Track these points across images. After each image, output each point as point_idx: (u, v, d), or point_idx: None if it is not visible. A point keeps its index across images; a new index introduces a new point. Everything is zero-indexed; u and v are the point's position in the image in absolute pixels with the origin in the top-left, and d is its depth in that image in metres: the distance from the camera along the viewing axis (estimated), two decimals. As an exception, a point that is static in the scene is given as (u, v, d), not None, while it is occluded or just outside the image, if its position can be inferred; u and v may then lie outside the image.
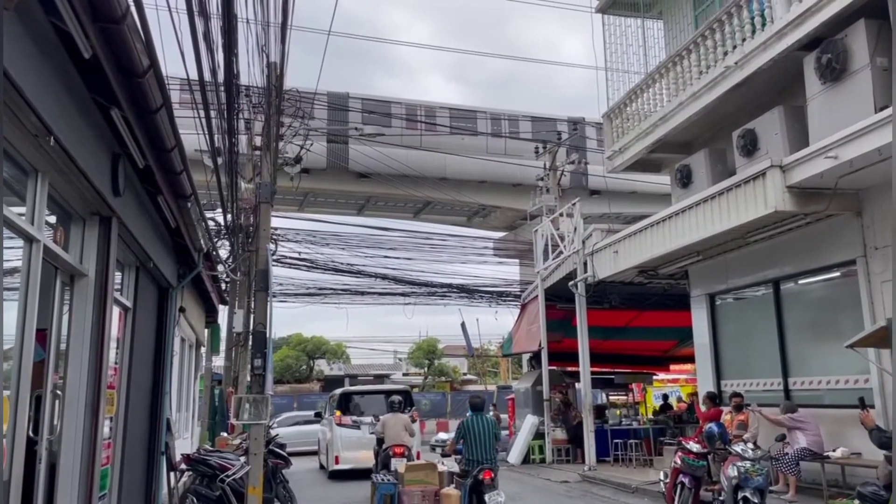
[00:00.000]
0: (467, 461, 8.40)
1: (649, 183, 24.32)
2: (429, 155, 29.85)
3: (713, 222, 10.33)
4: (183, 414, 12.90)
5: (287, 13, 6.29)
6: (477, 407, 8.79)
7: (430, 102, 32.94)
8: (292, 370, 47.98)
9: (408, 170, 27.44)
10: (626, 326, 19.01)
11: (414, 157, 29.25)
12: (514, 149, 30.97)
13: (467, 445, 8.43)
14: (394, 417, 12.29)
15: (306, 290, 24.18)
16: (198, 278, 10.54)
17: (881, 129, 7.59)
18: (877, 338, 8.07)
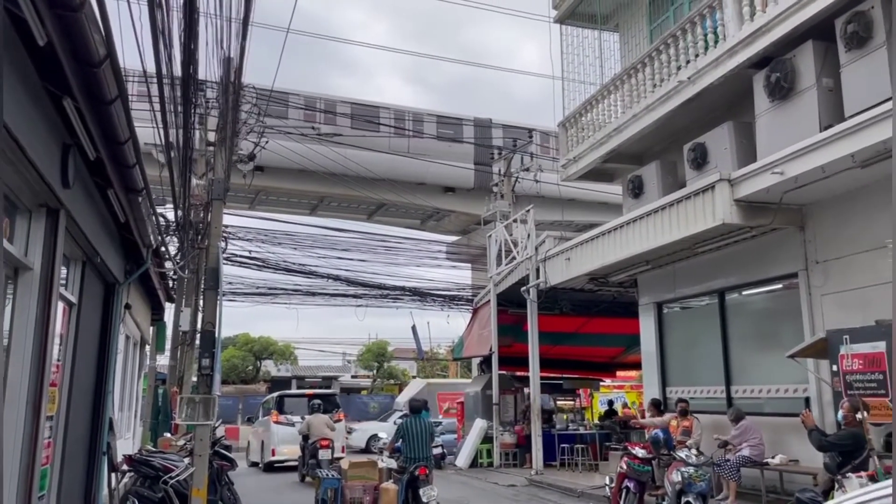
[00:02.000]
0: (405, 459, 9.20)
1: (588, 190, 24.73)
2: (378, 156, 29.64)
3: (663, 233, 10.56)
4: (125, 413, 12.58)
5: (249, 8, 6.20)
6: (415, 410, 9.72)
7: (329, 96, 32.05)
8: (238, 371, 47.20)
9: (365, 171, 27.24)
10: (576, 332, 19.28)
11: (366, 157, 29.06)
12: (419, 147, 30.79)
13: (405, 444, 9.23)
14: (316, 417, 15.10)
15: (256, 290, 23.83)
16: (145, 275, 10.28)
17: (825, 148, 7.88)
18: (816, 349, 8.37)
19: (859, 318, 8.05)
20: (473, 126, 33.46)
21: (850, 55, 8.22)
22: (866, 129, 7.37)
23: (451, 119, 33.57)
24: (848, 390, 7.20)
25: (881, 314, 7.58)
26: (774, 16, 9.00)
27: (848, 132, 7.60)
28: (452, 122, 33.13)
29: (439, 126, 32.53)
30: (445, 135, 31.63)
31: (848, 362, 7.29)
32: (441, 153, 31.08)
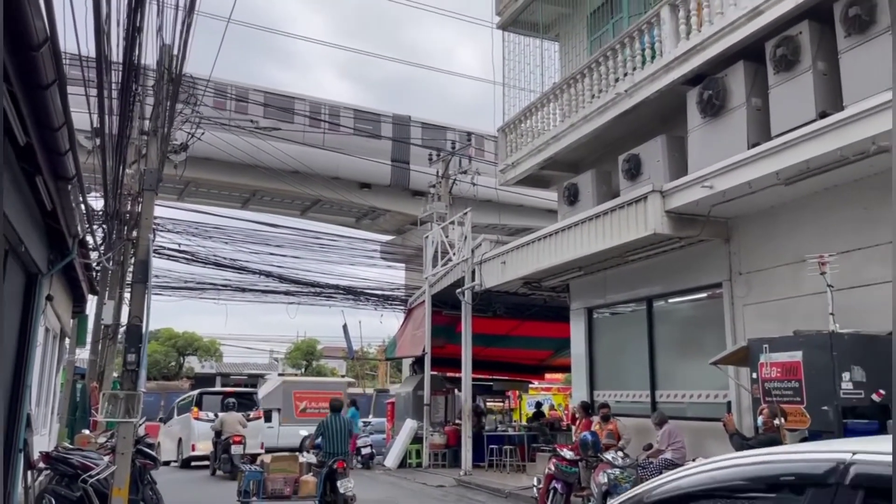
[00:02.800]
0: (325, 454, 9.96)
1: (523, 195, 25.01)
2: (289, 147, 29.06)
3: (596, 240, 10.82)
4: (42, 409, 12.05)
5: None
6: (335, 409, 10.44)
7: (241, 83, 30.91)
8: (160, 366, 45.86)
9: (301, 166, 26.75)
10: (507, 335, 19.53)
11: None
12: (336, 141, 30.32)
13: (325, 440, 9.99)
14: (230, 415, 16.31)
15: (184, 284, 23.17)
16: (69, 265, 9.89)
17: (752, 165, 8.24)
18: (737, 357, 8.73)
19: (778, 329, 8.43)
20: (392, 123, 33.10)
21: (778, 77, 8.63)
22: (791, 149, 7.75)
23: (370, 114, 33.03)
24: (766, 397, 7.53)
25: (799, 325, 7.97)
26: (709, 35, 9.36)
27: (774, 151, 7.97)
28: (371, 118, 32.61)
29: (357, 121, 31.93)
30: (364, 130, 31.14)
31: (767, 370, 7.62)
32: (358, 148, 30.46)
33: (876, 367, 7.04)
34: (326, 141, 30.06)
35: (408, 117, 34.24)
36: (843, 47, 7.91)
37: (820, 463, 1.79)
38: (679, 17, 10.02)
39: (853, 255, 8.03)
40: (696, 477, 2.09)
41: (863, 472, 1.65)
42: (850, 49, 7.81)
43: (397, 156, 32.57)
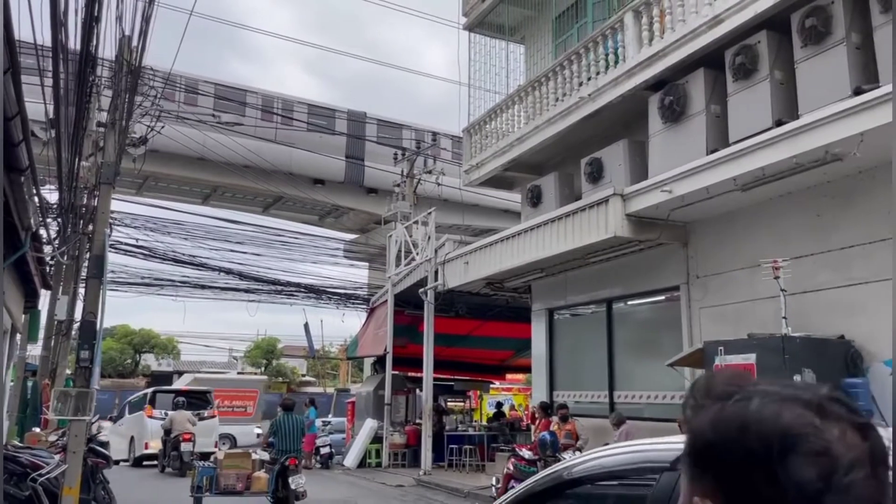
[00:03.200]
0: (277, 451, 10.39)
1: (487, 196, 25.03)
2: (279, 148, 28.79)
3: (558, 242, 10.92)
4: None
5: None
6: (288, 408, 11.02)
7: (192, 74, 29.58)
8: (115, 364, 44.92)
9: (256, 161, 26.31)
10: (469, 335, 19.58)
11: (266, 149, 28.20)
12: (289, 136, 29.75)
13: (278, 438, 10.45)
14: (179, 413, 16.74)
15: (141, 280, 22.74)
16: (21, 259, 9.63)
17: (711, 170, 8.40)
18: (693, 358, 8.89)
19: (732, 332, 8.62)
20: (347, 119, 32.71)
21: (737, 85, 8.81)
22: (748, 155, 7.93)
23: (324, 109, 32.55)
24: (720, 398, 7.69)
25: (753, 328, 8.16)
26: (671, 42, 9.51)
27: (731, 157, 8.14)
28: (325, 113, 32.07)
29: (311, 116, 31.29)
30: (318, 126, 30.58)
31: (721, 372, 7.79)
32: (311, 144, 29.96)
33: (825, 371, 7.23)
34: (280, 136, 29.48)
35: (363, 114, 33.78)
36: (799, 57, 8.11)
37: (670, 452, 2.12)
38: (642, 23, 10.17)
39: (805, 260, 8.24)
40: (591, 463, 2.57)
41: None
42: (806, 59, 8.02)
43: (352, 152, 32.14)
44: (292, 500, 10.07)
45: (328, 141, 30.75)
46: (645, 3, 10.13)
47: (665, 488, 2.04)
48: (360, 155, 32.48)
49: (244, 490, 11.10)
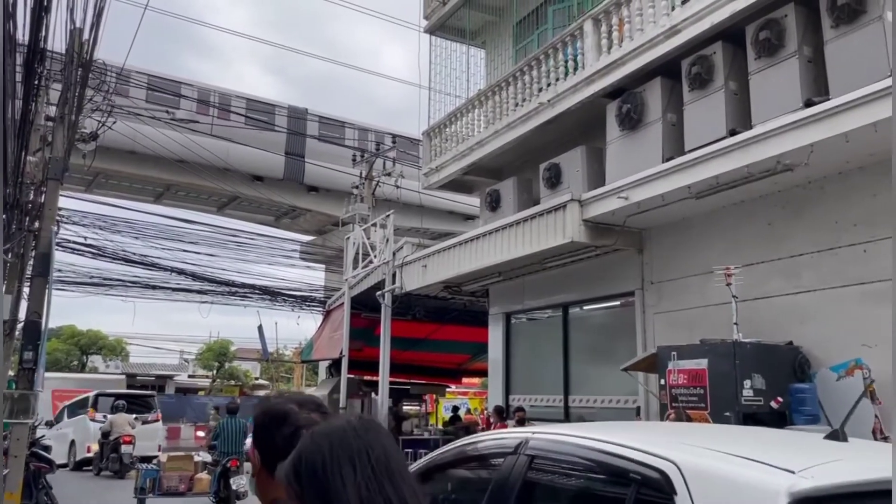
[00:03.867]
0: (220, 453, 11.12)
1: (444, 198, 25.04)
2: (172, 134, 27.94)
3: (516, 246, 10.95)
4: (-74, 410, 11.23)
5: (109, -21, 5.76)
6: (232, 411, 11.98)
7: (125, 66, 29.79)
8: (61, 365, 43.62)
9: (197, 156, 25.64)
10: (426, 338, 19.53)
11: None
12: (226, 132, 29.07)
13: (221, 441, 11.24)
14: (119, 416, 17.15)
15: (89, 280, 22.14)
16: (-38, 256, 9.26)
17: (666, 178, 8.52)
18: (647, 363, 9.00)
19: (685, 337, 8.74)
20: (287, 116, 32.15)
21: (693, 95, 8.97)
22: (702, 164, 8.06)
23: (264, 104, 31.97)
24: (673, 403, 7.79)
25: (705, 334, 8.29)
26: (629, 51, 9.64)
27: (686, 165, 8.27)
28: (265, 108, 31.42)
29: (250, 111, 30.67)
30: (258, 120, 29.99)
31: (674, 377, 7.89)
32: (250, 139, 29.33)
33: (775, 376, 7.39)
34: (217, 130, 28.64)
35: (304, 110, 33.23)
36: (752, 69, 8.29)
37: (514, 439, 2.85)
38: (601, 31, 10.29)
39: (757, 267, 8.42)
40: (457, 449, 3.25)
41: (533, 444, 2.73)
42: (759, 71, 8.20)
43: (292, 149, 31.59)
44: (233, 500, 10.59)
45: (267, 137, 30.10)
46: (604, 12, 10.25)
47: (507, 467, 2.73)
48: (301, 152, 31.91)
49: (187, 491, 11.49)
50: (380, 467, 1.29)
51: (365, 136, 32.94)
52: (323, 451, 1.30)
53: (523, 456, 2.67)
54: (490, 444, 3.10)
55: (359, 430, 1.34)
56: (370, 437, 1.33)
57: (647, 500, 2.16)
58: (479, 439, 3.26)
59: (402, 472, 1.34)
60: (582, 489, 2.63)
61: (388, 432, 1.41)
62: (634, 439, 2.43)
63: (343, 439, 1.32)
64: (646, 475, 2.15)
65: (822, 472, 1.98)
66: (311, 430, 1.39)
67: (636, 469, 2.20)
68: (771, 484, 1.91)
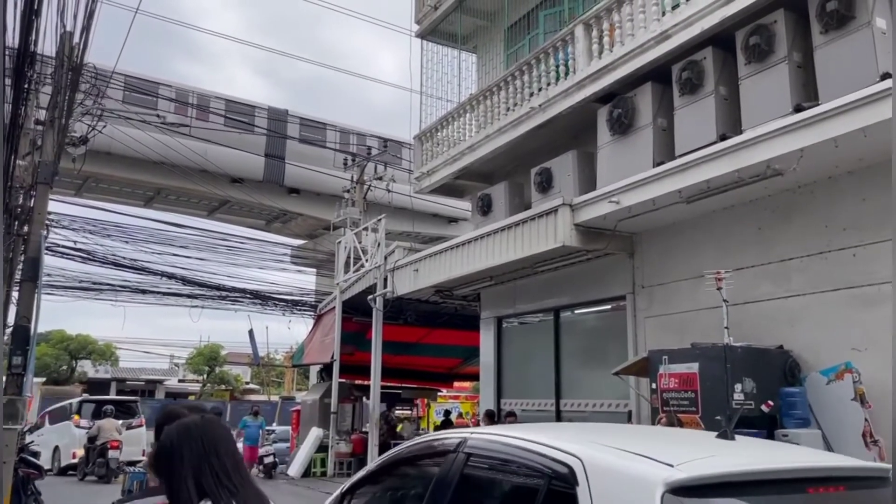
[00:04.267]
0: None
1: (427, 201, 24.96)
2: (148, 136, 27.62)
3: (507, 251, 10.96)
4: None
5: (100, -17, 5.73)
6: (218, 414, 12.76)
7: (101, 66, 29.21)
8: (50, 370, 43.31)
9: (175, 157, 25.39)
10: (418, 343, 19.52)
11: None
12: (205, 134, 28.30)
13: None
14: (107, 421, 17.24)
15: (79, 284, 22.00)
16: (-50, 261, 9.19)
17: (657, 182, 8.56)
18: (638, 367, 9.02)
19: (676, 341, 8.78)
20: (267, 117, 31.69)
21: (683, 100, 9.01)
22: (692, 169, 8.10)
23: (243, 105, 31.44)
24: (664, 407, 7.81)
25: (696, 338, 8.32)
26: (620, 56, 9.67)
27: (677, 170, 8.31)
28: (244, 110, 30.83)
29: (229, 112, 30.08)
30: (237, 122, 29.45)
31: (665, 381, 7.91)
32: (230, 141, 28.78)
33: (765, 379, 7.43)
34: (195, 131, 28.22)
35: (285, 111, 32.77)
36: (743, 74, 8.34)
37: (455, 438, 3.23)
38: (592, 36, 10.32)
39: (747, 272, 8.46)
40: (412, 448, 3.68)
41: (471, 443, 3.09)
42: (749, 76, 8.25)
43: (272, 150, 31.16)
44: None
45: (246, 138, 29.71)
46: (595, 17, 10.29)
47: (449, 463, 3.09)
48: (281, 153, 31.56)
49: None
50: (209, 448, 2.04)
51: (347, 137, 32.72)
52: (172, 439, 2.07)
53: (462, 454, 3.07)
54: (436, 444, 3.50)
55: (199, 424, 2.10)
56: (206, 429, 2.09)
57: (557, 489, 2.50)
58: (427, 440, 3.71)
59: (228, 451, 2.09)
60: (507, 481, 3.01)
61: (222, 425, 2.17)
62: (552, 438, 2.83)
63: (185, 431, 2.08)
64: (556, 469, 2.53)
65: (696, 465, 2.35)
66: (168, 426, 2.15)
67: (549, 464, 2.57)
68: (652, 475, 2.26)
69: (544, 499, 2.53)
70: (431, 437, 3.75)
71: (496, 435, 3.18)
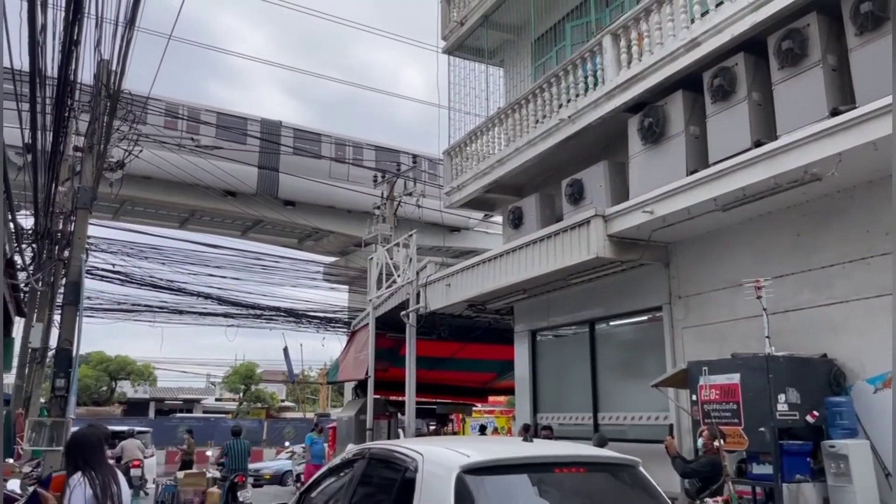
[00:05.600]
0: (228, 470, 13.10)
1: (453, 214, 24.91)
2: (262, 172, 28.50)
3: (540, 263, 10.90)
4: (-39, 438, 11.39)
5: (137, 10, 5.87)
6: (236, 434, 13.92)
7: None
8: (91, 391, 44.10)
9: (241, 185, 26.00)
10: (451, 357, 19.43)
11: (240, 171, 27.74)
12: None
13: (229, 459, 13.22)
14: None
15: (117, 306, 22.41)
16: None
17: (691, 191, 8.45)
18: (677, 379, 8.88)
19: (716, 351, 8.64)
20: (260, 128, 31.68)
21: (716, 107, 8.91)
22: (727, 176, 7.98)
23: (235, 118, 31.39)
24: (706, 419, 7.68)
25: (735, 348, 8.18)
26: (649, 65, 9.61)
27: (711, 178, 8.20)
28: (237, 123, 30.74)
29: (220, 125, 30.02)
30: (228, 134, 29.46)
31: (706, 392, 7.78)
32: (222, 154, 28.58)
33: (809, 389, 7.27)
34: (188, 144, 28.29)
35: (278, 122, 32.82)
36: (776, 79, 8.22)
37: (364, 450, 4.79)
38: (620, 46, 10.28)
39: (787, 279, 8.30)
40: (344, 457, 5.16)
41: (372, 452, 4.67)
42: (783, 81, 8.13)
43: (266, 162, 31.10)
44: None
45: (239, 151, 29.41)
46: (623, 27, 10.25)
47: (359, 465, 4.64)
48: (275, 165, 31.38)
49: (200, 503, 13.12)
50: (85, 447, 4.59)
51: (342, 146, 32.58)
52: (74, 439, 4.75)
53: (367, 457, 4.69)
54: (355, 453, 5.02)
55: (87, 433, 4.74)
56: (90, 434, 4.71)
57: (410, 471, 4.00)
58: (353, 451, 5.17)
59: (95, 448, 4.60)
60: (388, 470, 4.37)
61: (95, 434, 4.75)
62: (412, 444, 4.52)
63: (87, 437, 4.69)
64: (410, 460, 4.08)
65: (481, 454, 3.91)
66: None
67: (408, 458, 4.12)
68: (455, 460, 3.80)
69: (403, 477, 4.05)
70: (352, 449, 5.36)
71: (385, 445, 4.83)
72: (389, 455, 4.37)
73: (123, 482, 4.71)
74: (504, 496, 3.84)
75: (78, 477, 4.39)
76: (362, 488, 4.53)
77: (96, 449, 4.54)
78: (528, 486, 3.98)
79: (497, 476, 3.85)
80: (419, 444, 4.58)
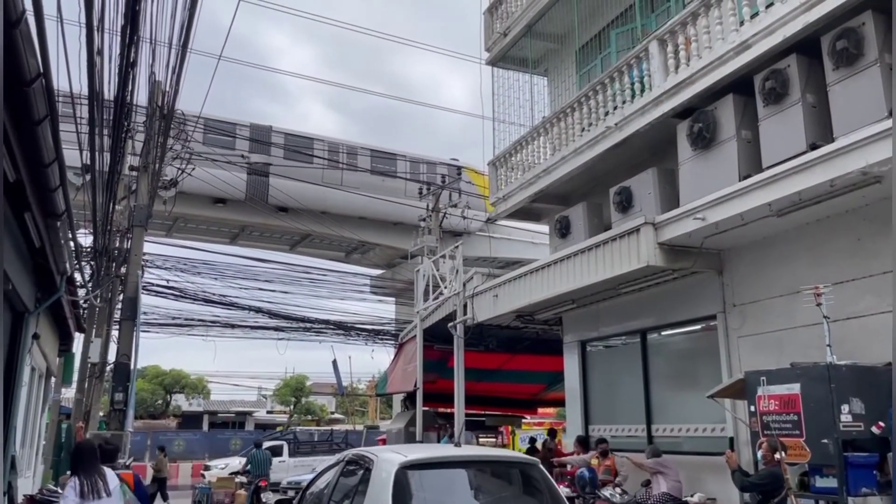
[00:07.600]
0: (252, 475, 15.90)
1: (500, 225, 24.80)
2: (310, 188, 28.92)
3: (589, 273, 10.77)
4: (27, 450, 11.76)
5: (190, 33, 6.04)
6: (258, 445, 17.29)
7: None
8: (147, 405, 45.16)
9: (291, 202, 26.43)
10: (499, 369, 19.32)
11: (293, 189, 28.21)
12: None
13: (253, 466, 16.07)
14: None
15: (172, 321, 22.94)
16: (56, 303, 9.74)
17: (744, 196, 8.26)
18: (734, 389, 8.64)
19: (773, 361, 8.39)
20: (249, 133, 31.36)
21: (768, 110, 8.70)
22: (782, 180, 7.78)
23: (223, 123, 30.79)
24: (765, 430, 7.44)
25: (794, 357, 7.93)
26: (698, 69, 9.45)
27: (765, 182, 8.00)
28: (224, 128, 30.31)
29: (207, 130, 29.18)
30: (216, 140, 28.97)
31: (765, 403, 7.55)
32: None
33: (874, 399, 6.98)
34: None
35: (268, 127, 32.43)
36: (831, 80, 8.00)
37: (344, 455, 6.71)
38: (667, 51, 10.13)
39: (847, 285, 8.03)
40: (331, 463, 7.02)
41: (349, 456, 6.52)
42: (838, 81, 7.90)
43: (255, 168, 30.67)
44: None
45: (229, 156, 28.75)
46: (669, 32, 10.11)
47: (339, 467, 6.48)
48: (265, 170, 30.79)
49: (230, 503, 16.08)
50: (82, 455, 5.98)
51: (336, 149, 32.48)
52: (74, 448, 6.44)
53: (345, 461, 6.34)
54: (338, 459, 6.63)
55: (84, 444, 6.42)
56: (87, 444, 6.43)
57: (368, 469, 5.63)
58: (337, 458, 6.73)
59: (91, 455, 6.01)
60: (357, 469, 6.01)
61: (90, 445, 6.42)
62: (373, 450, 6.22)
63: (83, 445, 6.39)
64: (369, 460, 5.77)
65: (414, 455, 5.62)
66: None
67: (368, 459, 5.80)
68: (396, 459, 5.41)
69: (363, 472, 5.72)
70: (338, 457, 6.78)
71: (356, 451, 6.61)
72: (358, 457, 6.18)
73: (112, 478, 5.85)
74: (429, 484, 5.54)
75: (73, 480, 5.69)
76: (342, 479, 6.27)
77: (91, 456, 5.91)
78: (448, 476, 5.78)
79: (425, 470, 5.59)
80: (377, 450, 6.32)
